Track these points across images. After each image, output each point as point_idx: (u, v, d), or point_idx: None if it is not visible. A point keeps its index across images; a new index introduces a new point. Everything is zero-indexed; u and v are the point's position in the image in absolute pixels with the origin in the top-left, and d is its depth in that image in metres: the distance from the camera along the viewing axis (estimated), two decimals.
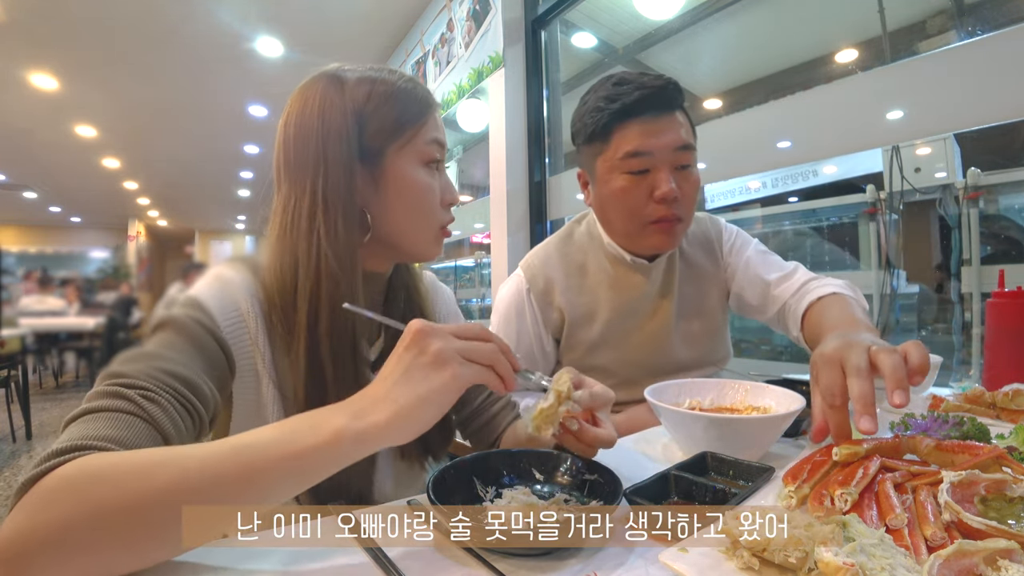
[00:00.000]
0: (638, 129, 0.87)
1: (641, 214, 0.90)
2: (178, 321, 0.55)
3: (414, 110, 0.66)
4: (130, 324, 5.66)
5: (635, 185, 0.89)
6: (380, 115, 0.64)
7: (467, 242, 4.08)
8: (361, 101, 0.63)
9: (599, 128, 0.90)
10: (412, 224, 0.67)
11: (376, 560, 0.42)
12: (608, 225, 0.98)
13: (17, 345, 4.17)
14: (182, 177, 7.13)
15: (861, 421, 0.50)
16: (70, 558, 0.35)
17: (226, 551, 0.44)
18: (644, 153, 0.87)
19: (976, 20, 1.64)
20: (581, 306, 1.00)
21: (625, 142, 0.88)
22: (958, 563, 0.34)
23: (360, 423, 0.42)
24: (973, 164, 2.00)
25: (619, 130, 0.88)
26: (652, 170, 0.88)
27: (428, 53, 3.22)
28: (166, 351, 0.52)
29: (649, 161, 0.87)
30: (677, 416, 0.66)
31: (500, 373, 0.48)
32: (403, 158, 0.65)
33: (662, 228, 0.90)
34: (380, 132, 0.64)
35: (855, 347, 0.56)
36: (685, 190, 0.89)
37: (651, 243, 0.93)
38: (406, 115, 0.65)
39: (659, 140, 0.86)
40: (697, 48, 2.81)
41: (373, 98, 0.64)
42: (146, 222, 11.09)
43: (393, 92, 0.65)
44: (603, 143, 0.91)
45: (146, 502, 0.36)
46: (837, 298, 0.87)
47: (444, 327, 0.47)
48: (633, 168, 0.88)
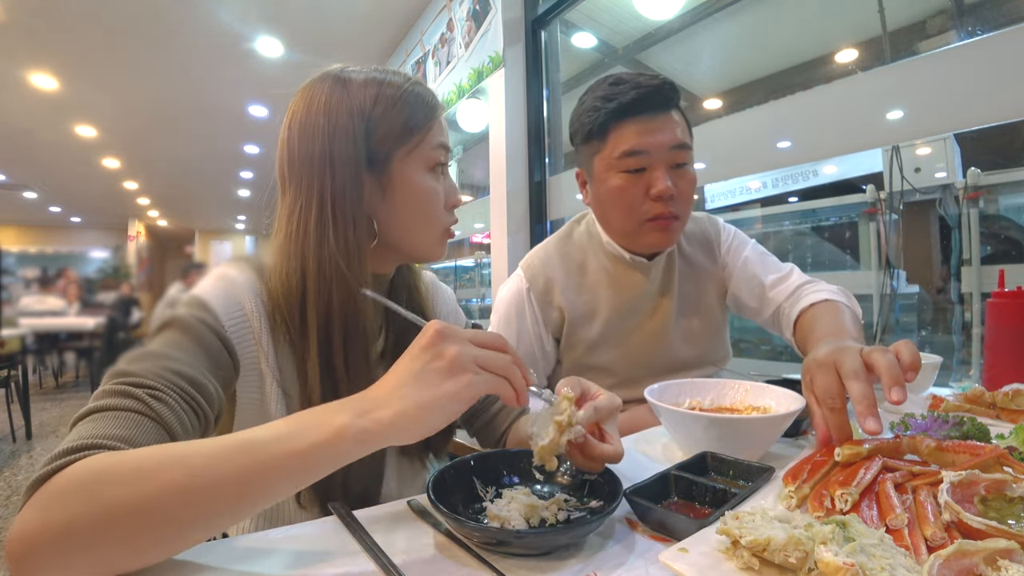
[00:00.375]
0: (634, 128, 0.88)
1: (638, 212, 0.91)
2: (183, 320, 0.55)
3: (421, 115, 0.65)
4: (130, 324, 5.66)
5: (632, 183, 0.90)
6: (388, 119, 0.63)
7: (467, 242, 4.08)
8: (368, 104, 0.63)
9: (596, 127, 0.91)
10: (418, 228, 0.67)
11: (376, 560, 0.42)
12: (607, 224, 0.99)
13: (17, 345, 4.17)
14: (182, 177, 7.12)
15: (867, 422, 0.51)
16: (78, 556, 0.35)
17: (226, 551, 0.44)
18: (640, 152, 0.88)
19: (976, 20, 1.64)
20: (581, 305, 1.00)
21: (622, 141, 0.89)
22: (958, 563, 0.34)
23: (363, 421, 0.41)
24: (973, 164, 2.00)
25: (616, 129, 0.90)
26: (648, 168, 0.89)
27: (428, 53, 3.22)
28: (172, 350, 0.52)
29: (645, 160, 0.89)
30: (677, 416, 0.66)
31: (515, 386, 0.47)
32: (410, 164, 0.65)
33: (659, 226, 0.91)
34: (388, 137, 0.63)
35: (848, 351, 0.57)
36: (681, 188, 0.90)
37: (649, 241, 0.94)
38: (413, 120, 0.64)
39: (655, 139, 0.88)
40: (697, 48, 2.81)
41: (380, 101, 0.63)
42: (146, 222, 11.09)
43: (401, 96, 0.64)
44: (600, 142, 0.92)
45: (152, 501, 0.37)
46: (829, 305, 0.88)
47: (463, 332, 0.47)
48: (630, 167, 0.89)
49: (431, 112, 0.66)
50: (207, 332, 0.56)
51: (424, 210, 0.67)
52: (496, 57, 2.48)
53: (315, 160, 0.61)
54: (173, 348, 0.52)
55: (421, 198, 0.66)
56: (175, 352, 0.52)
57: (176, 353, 0.52)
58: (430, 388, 0.43)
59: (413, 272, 0.78)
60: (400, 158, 0.64)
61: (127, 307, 5.99)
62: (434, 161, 0.66)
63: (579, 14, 2.66)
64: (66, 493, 0.36)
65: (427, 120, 0.66)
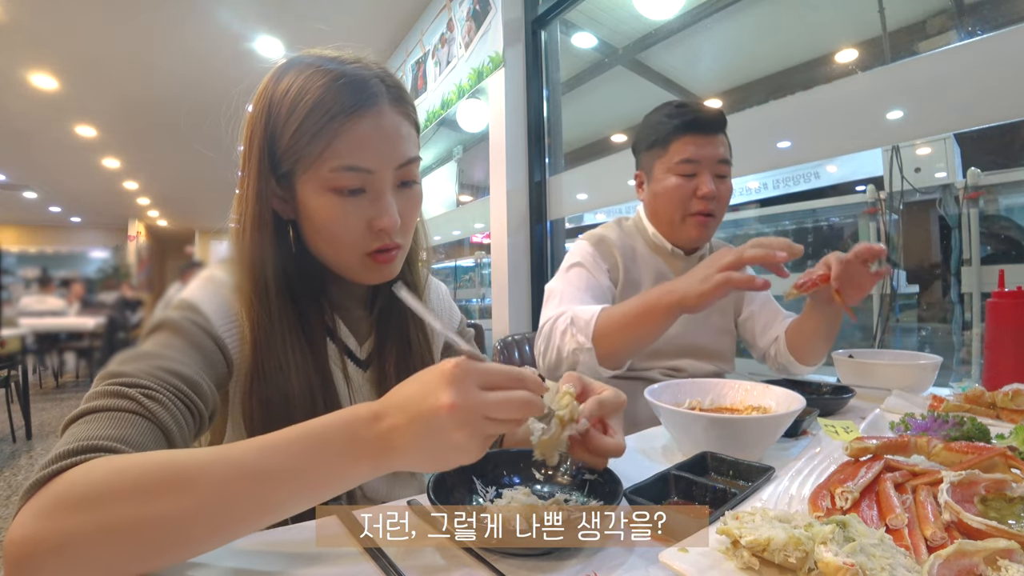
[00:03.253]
0: (691, 142, 1.09)
1: (685, 207, 1.12)
2: (174, 322, 0.55)
3: (313, 133, 0.56)
4: (130, 324, 5.66)
5: (684, 184, 1.10)
6: (286, 134, 0.58)
7: (467, 242, 4.09)
8: (276, 107, 0.59)
9: (661, 138, 1.12)
10: (329, 250, 0.63)
11: (376, 560, 0.42)
12: (655, 216, 1.18)
13: (17, 345, 4.17)
14: (182, 177, 7.13)
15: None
16: (76, 563, 0.35)
17: (225, 551, 0.44)
18: (694, 161, 1.09)
19: (976, 20, 1.64)
20: (631, 271, 1.17)
21: (680, 151, 1.10)
22: (958, 563, 0.34)
23: (381, 469, 0.42)
24: (973, 164, 2.00)
25: (676, 141, 1.11)
26: (698, 175, 1.10)
27: (428, 53, 3.22)
28: (165, 350, 0.52)
29: (697, 168, 1.09)
30: (677, 416, 0.66)
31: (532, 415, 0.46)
32: (308, 185, 0.59)
33: (699, 221, 1.11)
34: (287, 154, 0.59)
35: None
36: (721, 192, 1.11)
37: (689, 234, 1.14)
38: (304, 135, 0.57)
39: (706, 152, 1.09)
40: (697, 48, 2.81)
41: (285, 108, 0.58)
42: (146, 222, 11.08)
43: (298, 104, 0.57)
44: (662, 149, 1.13)
45: (156, 522, 0.36)
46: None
47: (474, 372, 0.42)
48: (684, 172, 1.10)
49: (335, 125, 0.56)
50: (199, 332, 0.55)
51: (325, 233, 0.60)
52: (496, 57, 2.48)
53: (246, 155, 0.61)
54: (165, 348, 0.52)
55: (319, 220, 0.59)
56: (168, 352, 0.52)
57: (169, 353, 0.52)
58: (443, 457, 0.42)
59: (413, 269, 0.75)
60: (302, 177, 0.59)
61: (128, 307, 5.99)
62: (333, 185, 0.58)
63: (579, 14, 2.66)
64: (67, 503, 0.36)
65: (327, 136, 0.56)
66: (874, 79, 1.40)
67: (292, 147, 0.58)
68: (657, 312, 0.82)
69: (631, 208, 2.79)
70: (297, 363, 0.61)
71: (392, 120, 0.60)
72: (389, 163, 0.59)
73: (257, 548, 0.45)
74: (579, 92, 3.17)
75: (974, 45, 1.18)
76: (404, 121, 0.62)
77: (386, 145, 0.59)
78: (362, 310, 0.73)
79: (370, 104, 0.58)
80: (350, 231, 0.60)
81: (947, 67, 1.22)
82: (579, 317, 0.92)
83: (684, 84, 3.22)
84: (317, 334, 0.65)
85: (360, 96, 0.58)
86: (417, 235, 0.73)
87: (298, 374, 0.61)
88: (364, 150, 0.58)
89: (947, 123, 1.28)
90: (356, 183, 0.58)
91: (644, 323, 0.85)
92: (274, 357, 0.60)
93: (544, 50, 2.53)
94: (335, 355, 0.68)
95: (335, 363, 0.67)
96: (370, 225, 0.60)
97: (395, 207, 0.60)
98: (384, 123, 0.59)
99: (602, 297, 1.09)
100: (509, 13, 2.45)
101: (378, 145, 0.59)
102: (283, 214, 0.63)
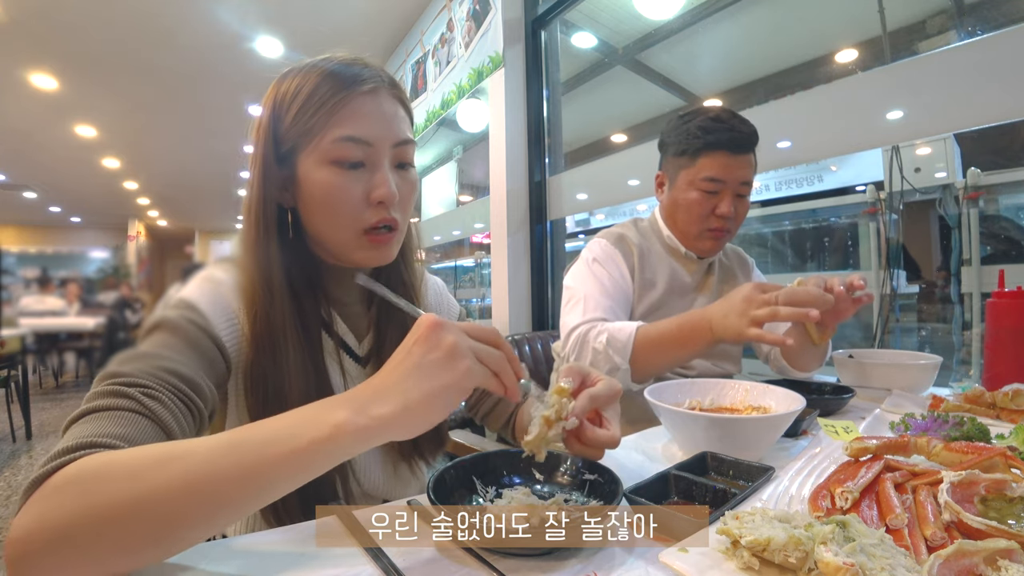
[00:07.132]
0: (720, 160, 1.09)
1: (703, 222, 1.13)
2: (172, 322, 0.55)
3: (316, 107, 0.60)
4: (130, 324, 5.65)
5: (705, 200, 1.12)
6: (290, 114, 0.61)
7: (467, 242, 4.09)
8: (280, 98, 0.62)
9: (691, 150, 1.12)
10: (327, 229, 0.64)
11: (376, 560, 0.42)
12: (672, 222, 1.20)
13: (17, 345, 4.16)
14: (182, 177, 7.13)
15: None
16: (75, 556, 0.35)
17: (225, 551, 0.44)
18: (719, 180, 1.10)
19: (976, 20, 1.64)
20: (647, 271, 1.19)
21: (707, 168, 1.10)
22: (958, 563, 0.34)
23: (362, 418, 0.41)
24: (973, 164, 2.00)
25: (705, 156, 1.10)
26: (720, 193, 1.11)
27: (428, 53, 3.22)
28: (163, 350, 0.52)
29: (720, 186, 1.10)
30: (677, 416, 0.66)
31: (505, 383, 0.47)
32: (310, 158, 0.61)
33: (714, 235, 1.14)
34: (289, 132, 0.62)
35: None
36: (739, 211, 1.13)
37: (703, 247, 1.17)
38: (307, 112, 0.60)
39: (732, 173, 1.10)
40: (697, 48, 2.81)
41: (289, 95, 0.62)
42: (146, 222, 11.08)
43: (302, 88, 0.61)
44: (690, 161, 1.12)
45: (148, 498, 0.36)
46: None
47: (457, 324, 0.46)
48: (707, 188, 1.11)
49: (334, 101, 0.60)
50: (197, 332, 0.56)
51: (325, 208, 0.62)
52: (496, 57, 2.48)
53: (253, 154, 0.64)
54: (164, 348, 0.52)
55: (319, 194, 0.61)
56: (166, 351, 0.52)
57: (168, 352, 0.52)
58: (429, 379, 0.43)
59: (409, 268, 0.76)
60: (304, 152, 0.62)
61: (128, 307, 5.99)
62: (335, 156, 0.60)
63: (579, 14, 2.66)
64: (62, 492, 0.36)
65: (328, 110, 0.60)
66: (874, 79, 1.39)
67: (295, 125, 0.61)
68: (691, 344, 0.91)
69: (631, 208, 2.79)
70: (294, 358, 0.61)
71: (390, 102, 0.64)
72: (387, 138, 0.62)
73: (257, 548, 0.45)
74: (579, 92, 3.17)
75: (974, 45, 1.18)
76: (400, 107, 0.65)
77: (384, 122, 0.62)
78: (361, 306, 0.73)
79: (369, 84, 0.62)
80: (349, 203, 0.61)
81: (947, 67, 1.22)
82: (615, 338, 0.96)
83: (684, 84, 3.22)
84: (313, 327, 0.65)
85: (360, 77, 0.62)
86: (411, 235, 0.73)
87: (295, 369, 0.61)
88: (364, 122, 0.61)
89: (947, 123, 1.27)
90: (356, 155, 0.61)
91: (680, 351, 0.94)
92: (272, 353, 0.60)
93: (544, 50, 2.53)
94: (332, 350, 0.68)
95: (331, 357, 0.67)
96: (368, 197, 0.62)
97: (393, 181, 0.62)
98: (382, 102, 0.63)
99: (623, 300, 1.13)
100: (509, 13, 2.45)
101: (377, 120, 0.62)
102: (284, 203, 0.65)
